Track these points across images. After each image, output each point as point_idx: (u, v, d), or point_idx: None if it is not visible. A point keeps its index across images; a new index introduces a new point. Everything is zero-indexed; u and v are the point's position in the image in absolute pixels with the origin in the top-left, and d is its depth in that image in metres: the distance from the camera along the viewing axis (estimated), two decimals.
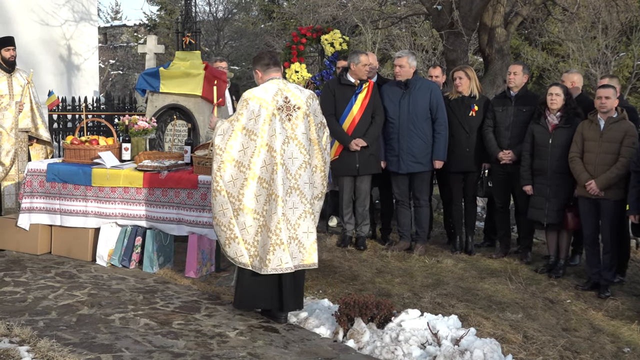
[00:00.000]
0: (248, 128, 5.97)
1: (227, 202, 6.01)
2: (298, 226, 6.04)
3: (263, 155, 5.96)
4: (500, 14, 13.20)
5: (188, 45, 9.48)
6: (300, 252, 6.07)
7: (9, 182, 9.10)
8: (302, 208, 6.06)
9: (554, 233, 8.19)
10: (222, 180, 5.99)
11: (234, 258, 6.08)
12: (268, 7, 29.89)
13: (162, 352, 5.17)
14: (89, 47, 17.83)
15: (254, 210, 6.00)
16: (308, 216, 6.09)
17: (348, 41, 11.98)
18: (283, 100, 6.04)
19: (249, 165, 5.96)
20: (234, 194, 5.99)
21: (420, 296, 7.16)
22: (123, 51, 34.58)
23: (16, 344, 5.11)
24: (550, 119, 8.00)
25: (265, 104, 5.96)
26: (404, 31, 23.61)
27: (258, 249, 6.02)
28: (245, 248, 6.04)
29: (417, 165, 8.72)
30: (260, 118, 5.94)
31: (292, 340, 5.61)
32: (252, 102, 5.98)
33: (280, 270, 5.96)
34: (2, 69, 9.03)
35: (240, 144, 5.98)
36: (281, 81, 6.19)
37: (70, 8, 16.65)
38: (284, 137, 6.00)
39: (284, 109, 6.03)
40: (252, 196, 5.98)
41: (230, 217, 6.02)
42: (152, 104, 9.21)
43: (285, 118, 6.02)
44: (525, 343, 5.97)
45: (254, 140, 5.95)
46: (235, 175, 5.99)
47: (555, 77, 20.11)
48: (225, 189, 6.00)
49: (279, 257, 5.93)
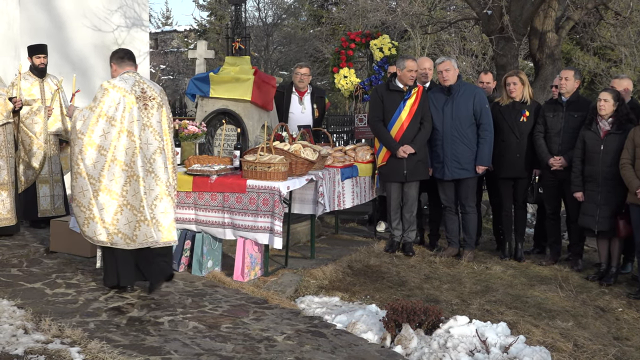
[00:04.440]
0: (109, 115, 6.39)
1: (87, 184, 6.40)
2: (155, 207, 6.50)
3: (123, 140, 6.41)
4: (551, 18, 13.05)
5: (238, 51, 9.53)
6: (159, 230, 6.51)
7: (43, 185, 9.29)
8: (157, 190, 6.52)
9: (605, 240, 8.07)
10: (84, 163, 6.39)
11: (92, 237, 6.48)
12: (317, 13, 30.00)
13: (210, 355, 5.20)
14: (141, 53, 18.01)
15: (113, 191, 6.41)
16: (165, 197, 6.55)
17: (397, 46, 11.94)
18: (140, 90, 6.55)
19: (110, 149, 6.38)
20: (95, 175, 6.38)
21: (469, 303, 7.10)
22: (173, 56, 34.95)
23: (67, 345, 5.18)
24: (602, 124, 7.90)
25: (126, 93, 6.45)
26: (453, 36, 23.50)
27: (119, 227, 6.44)
28: (103, 227, 6.43)
29: (462, 172, 8.67)
30: (121, 106, 6.41)
31: (339, 345, 5.60)
32: (113, 91, 6.43)
33: (147, 244, 6.48)
34: (34, 75, 9.28)
35: (101, 129, 6.38)
36: (136, 74, 6.73)
37: (123, 14, 16.83)
38: (141, 125, 6.48)
39: (141, 98, 6.53)
40: (112, 178, 6.40)
41: (90, 197, 6.41)
42: (202, 109, 9.28)
43: (142, 107, 6.51)
44: (575, 352, 5.89)
45: (114, 126, 6.39)
46: (96, 158, 6.38)
47: (607, 83, 19.83)
48: (86, 171, 6.39)
49: (144, 233, 6.44)
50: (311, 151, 8.02)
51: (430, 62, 9.36)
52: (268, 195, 7.31)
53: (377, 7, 19.44)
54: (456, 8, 21.73)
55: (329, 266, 8.00)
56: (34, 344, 5.16)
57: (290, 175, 7.66)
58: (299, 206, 8.57)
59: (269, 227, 7.31)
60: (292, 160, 7.70)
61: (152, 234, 6.44)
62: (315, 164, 8.00)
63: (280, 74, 27.18)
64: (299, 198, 8.51)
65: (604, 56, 23.46)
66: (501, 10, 12.45)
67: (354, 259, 8.49)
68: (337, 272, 7.91)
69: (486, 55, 22.30)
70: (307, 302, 6.88)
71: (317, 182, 8.11)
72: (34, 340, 5.25)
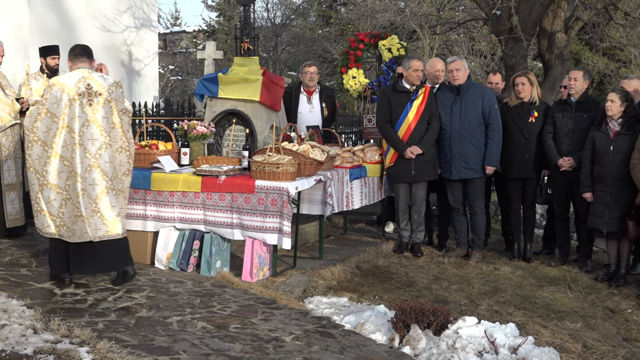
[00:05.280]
0: (52, 111, 6.56)
1: (34, 178, 6.63)
2: (100, 201, 6.63)
3: (64, 135, 6.56)
4: (560, 18, 13.03)
5: (246, 51, 9.53)
6: (104, 224, 6.65)
7: None
8: (103, 185, 6.64)
9: (615, 241, 8.05)
10: (31, 158, 6.62)
11: (41, 229, 6.73)
12: (326, 13, 30.01)
13: (218, 355, 5.21)
14: (149, 53, 18.08)
15: (57, 185, 6.61)
16: (110, 192, 6.69)
17: (406, 47, 11.93)
18: (85, 86, 6.62)
19: (52, 145, 6.56)
20: (40, 170, 6.60)
21: (477, 303, 7.09)
22: (182, 57, 35.00)
23: (76, 345, 5.19)
24: (611, 125, 7.88)
25: (67, 89, 6.56)
26: (462, 36, 23.49)
27: (64, 220, 6.64)
28: (51, 219, 6.66)
29: (469, 172, 8.67)
30: (62, 102, 6.54)
31: (347, 345, 5.60)
32: (55, 87, 6.59)
33: (84, 239, 6.61)
34: (47, 76, 9.27)
35: (45, 125, 6.58)
36: (86, 70, 6.79)
37: (132, 15, 16.90)
38: (84, 120, 6.58)
39: (85, 94, 6.60)
40: (55, 173, 6.59)
41: (37, 191, 6.65)
42: (210, 109, 9.28)
43: (87, 103, 6.59)
44: (584, 353, 5.87)
45: (56, 122, 6.55)
46: (40, 153, 6.59)
47: (616, 83, 19.77)
48: (33, 166, 6.62)
49: (80, 228, 6.59)
50: (320, 152, 8.02)
51: (442, 64, 9.32)
52: (276, 196, 7.31)
53: (385, 8, 19.44)
54: (465, 8, 21.71)
55: (338, 267, 8.00)
56: (43, 344, 5.17)
57: (298, 175, 7.67)
58: (307, 206, 8.57)
59: (277, 228, 7.32)
60: (300, 161, 7.70)
61: (86, 230, 6.57)
62: (323, 164, 8.01)
63: (288, 74, 27.18)
64: (308, 198, 8.51)
65: (613, 56, 23.41)
66: (510, 11, 12.44)
67: (362, 259, 8.50)
68: (346, 273, 7.91)
69: (495, 55, 22.28)
70: (316, 302, 6.88)
71: (325, 182, 8.11)
72: (43, 340, 5.26)
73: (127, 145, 6.85)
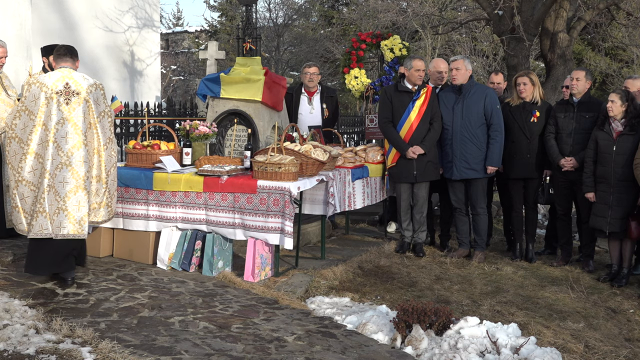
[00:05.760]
0: (29, 109, 6.71)
1: (11, 175, 6.77)
2: (68, 199, 6.67)
3: (39, 133, 6.68)
4: (562, 18, 13.01)
5: (248, 51, 9.52)
6: (70, 222, 6.68)
7: None
8: (73, 183, 6.69)
9: (617, 241, 8.04)
10: (9, 154, 6.76)
11: (15, 225, 6.87)
12: (328, 13, 30.00)
13: (220, 355, 5.21)
14: (152, 53, 18.06)
15: (31, 182, 6.72)
16: (80, 191, 6.72)
17: (408, 47, 11.91)
18: (63, 85, 6.72)
19: (27, 142, 6.69)
20: (15, 166, 6.74)
21: (479, 304, 7.09)
22: (184, 57, 34.96)
23: (78, 345, 5.20)
24: (614, 125, 7.87)
25: (45, 88, 6.69)
26: (464, 36, 23.49)
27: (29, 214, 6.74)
28: (23, 216, 6.75)
29: (470, 172, 8.66)
30: (40, 100, 6.67)
31: (349, 345, 5.60)
32: (34, 86, 6.73)
33: (41, 235, 6.64)
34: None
35: (22, 122, 6.73)
36: (67, 69, 6.89)
37: (134, 15, 16.89)
38: (59, 118, 6.67)
39: (63, 93, 6.71)
40: (30, 169, 6.70)
41: (13, 188, 6.77)
42: (212, 109, 9.28)
43: (64, 101, 6.70)
44: (586, 353, 5.87)
45: (32, 119, 6.69)
46: (17, 150, 6.74)
47: (618, 83, 19.79)
48: (10, 162, 6.76)
49: (40, 224, 6.62)
50: (322, 152, 8.03)
51: (446, 64, 9.31)
52: (279, 196, 7.32)
53: (387, 8, 19.43)
54: (467, 8, 21.73)
55: (340, 267, 8.00)
56: (45, 344, 5.18)
57: (300, 175, 7.67)
58: (309, 207, 8.58)
59: (279, 228, 7.33)
60: (302, 161, 7.71)
61: (47, 227, 6.61)
62: (325, 164, 8.01)
63: (290, 74, 27.16)
64: (310, 198, 8.52)
65: (616, 57, 23.39)
66: (512, 11, 12.43)
67: (364, 259, 8.50)
68: (348, 273, 7.92)
69: (497, 55, 22.27)
70: (318, 302, 6.88)
71: (327, 182, 8.11)
72: (45, 340, 5.27)
73: (102, 147, 6.91)
